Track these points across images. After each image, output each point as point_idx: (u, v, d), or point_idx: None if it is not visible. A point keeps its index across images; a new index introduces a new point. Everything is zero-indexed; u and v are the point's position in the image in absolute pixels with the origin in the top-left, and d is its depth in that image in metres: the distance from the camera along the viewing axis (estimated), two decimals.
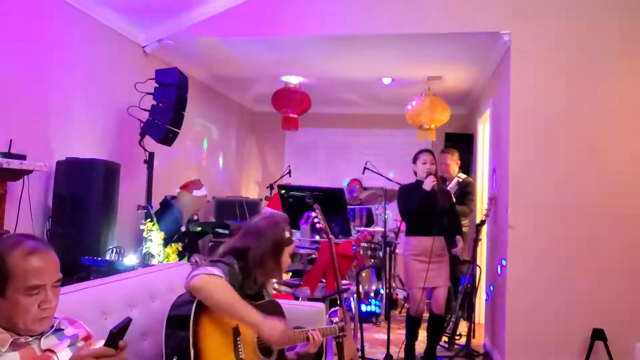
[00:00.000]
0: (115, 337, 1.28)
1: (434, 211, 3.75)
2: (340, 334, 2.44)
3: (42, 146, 3.34)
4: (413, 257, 3.85)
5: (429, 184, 3.77)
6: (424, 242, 3.81)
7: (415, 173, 3.95)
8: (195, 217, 4.50)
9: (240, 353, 1.97)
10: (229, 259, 2.07)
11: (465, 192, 4.88)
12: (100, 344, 1.38)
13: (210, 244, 5.09)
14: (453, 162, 5.04)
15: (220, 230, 4.85)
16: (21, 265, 1.37)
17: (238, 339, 1.98)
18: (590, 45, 3.66)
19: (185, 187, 4.39)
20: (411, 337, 3.92)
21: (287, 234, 2.19)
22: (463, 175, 5.03)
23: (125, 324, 1.29)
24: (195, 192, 4.38)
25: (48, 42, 3.41)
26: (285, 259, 2.20)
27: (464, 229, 4.99)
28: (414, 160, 3.96)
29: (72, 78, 3.66)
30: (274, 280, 2.78)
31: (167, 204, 4.37)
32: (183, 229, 4.24)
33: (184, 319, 1.87)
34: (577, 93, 3.67)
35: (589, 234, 3.58)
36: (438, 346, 4.15)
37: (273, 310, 2.22)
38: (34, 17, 3.29)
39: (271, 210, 2.32)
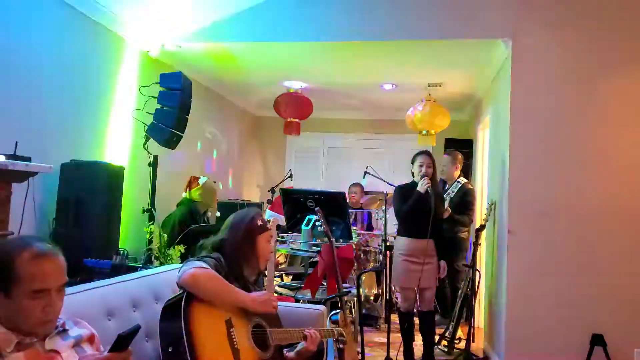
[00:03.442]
0: (123, 342, 1.29)
1: (427, 213, 3.77)
2: (341, 338, 2.48)
3: (47, 148, 3.36)
4: (404, 257, 3.88)
5: (422, 186, 3.80)
6: (415, 244, 3.83)
7: (413, 174, 3.99)
8: (209, 214, 4.50)
9: (235, 343, 2.00)
10: (215, 254, 2.16)
11: (466, 201, 4.84)
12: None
13: None
14: (452, 166, 5.04)
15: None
16: (28, 268, 1.36)
17: (232, 330, 2.02)
18: (590, 52, 3.68)
19: (190, 184, 4.40)
20: (407, 333, 3.93)
21: (260, 222, 2.26)
22: (464, 180, 5.01)
23: (134, 330, 1.31)
24: (201, 180, 4.38)
25: (53, 46, 3.45)
26: (262, 245, 2.25)
27: (462, 235, 4.99)
28: (412, 162, 4.00)
29: (77, 81, 3.70)
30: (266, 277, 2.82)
31: (187, 203, 4.35)
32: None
33: (176, 312, 1.91)
34: (576, 99, 3.69)
35: (589, 239, 3.60)
36: (438, 350, 4.17)
37: None
38: (37, 21, 3.33)
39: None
